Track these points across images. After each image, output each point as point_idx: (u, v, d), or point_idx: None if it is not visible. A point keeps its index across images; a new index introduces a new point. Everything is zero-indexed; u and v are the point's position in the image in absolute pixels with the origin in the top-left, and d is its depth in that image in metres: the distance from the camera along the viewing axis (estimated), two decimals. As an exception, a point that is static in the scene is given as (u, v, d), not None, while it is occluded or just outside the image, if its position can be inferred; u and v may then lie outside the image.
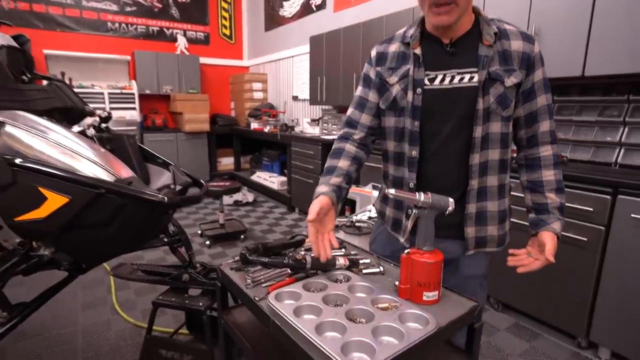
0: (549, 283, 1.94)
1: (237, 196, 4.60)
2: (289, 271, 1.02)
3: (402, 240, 1.11)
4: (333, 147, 1.11)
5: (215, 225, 3.49)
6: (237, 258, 1.05)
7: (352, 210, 3.42)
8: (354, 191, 3.26)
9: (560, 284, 1.90)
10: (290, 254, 0.97)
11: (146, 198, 1.03)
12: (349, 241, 1.27)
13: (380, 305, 0.83)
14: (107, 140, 1.27)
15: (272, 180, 4.76)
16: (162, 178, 1.29)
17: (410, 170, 1.04)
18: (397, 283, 0.92)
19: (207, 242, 3.27)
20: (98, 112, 1.31)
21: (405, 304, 0.82)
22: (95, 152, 1.08)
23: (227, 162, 6.12)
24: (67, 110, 1.28)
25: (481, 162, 0.98)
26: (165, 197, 1.05)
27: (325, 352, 0.66)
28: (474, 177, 0.99)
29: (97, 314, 2.19)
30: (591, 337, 1.84)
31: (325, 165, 1.08)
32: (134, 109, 4.97)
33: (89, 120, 1.34)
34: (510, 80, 0.95)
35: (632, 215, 1.61)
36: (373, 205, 1.34)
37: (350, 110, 1.13)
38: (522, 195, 1.07)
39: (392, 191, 0.84)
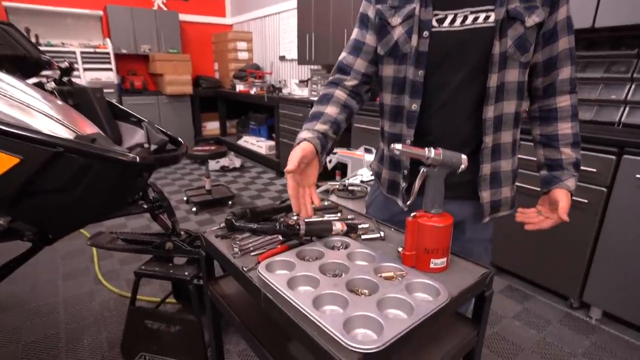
0: (544, 245, 1.91)
1: (224, 161, 4.45)
2: (281, 238, 0.92)
3: (400, 203, 1.02)
4: (321, 93, 0.98)
5: (202, 191, 3.37)
6: (222, 225, 0.94)
7: (343, 175, 3.32)
8: (345, 154, 3.14)
9: (557, 246, 1.87)
10: (282, 220, 0.86)
11: (114, 157, 0.90)
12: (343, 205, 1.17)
13: (384, 275, 0.74)
14: (69, 93, 1.10)
15: (259, 144, 4.60)
16: (135, 137, 1.15)
17: (409, 126, 0.92)
18: (400, 249, 0.83)
19: (194, 209, 3.16)
20: (57, 63, 1.14)
21: (412, 273, 0.74)
22: (53, 106, 0.93)
23: (212, 127, 5.89)
24: (19, 60, 1.10)
25: (495, 116, 0.87)
26: (137, 157, 0.92)
27: (326, 329, 0.57)
28: (487, 134, 0.88)
29: (78, 284, 2.10)
30: (584, 298, 1.83)
31: (311, 111, 0.95)
32: (110, 69, 4.66)
33: (47, 72, 1.16)
34: (532, 20, 0.82)
35: (637, 175, 1.55)
36: (370, 166, 1.23)
37: (342, 55, 1.00)
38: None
39: (398, 146, 0.73)
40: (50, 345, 1.64)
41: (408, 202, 0.78)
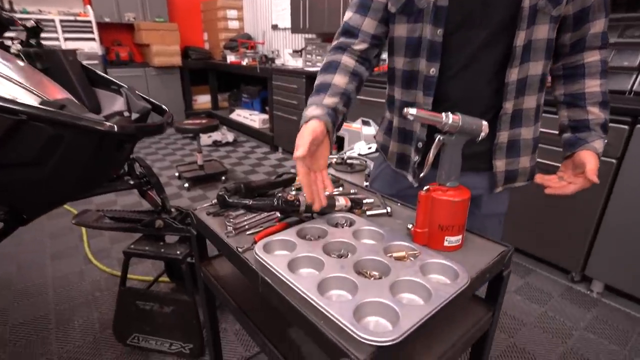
0: (547, 219, 1.86)
1: (216, 136, 4.32)
2: (279, 215, 0.84)
3: (410, 179, 0.94)
4: (325, 60, 0.87)
5: (194, 166, 3.26)
6: (214, 201, 0.86)
7: (340, 149, 3.23)
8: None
9: (560, 219, 1.82)
10: (280, 195, 0.78)
11: (87, 126, 0.79)
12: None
13: (395, 255, 0.67)
14: (37, 56, 0.98)
15: (252, 118, 4.46)
16: (115, 105, 1.04)
17: (426, 94, 0.83)
18: (410, 226, 0.76)
19: (186, 185, 3.07)
20: (21, 21, 1.01)
21: (426, 252, 0.66)
22: (14, 68, 0.82)
23: (203, 101, 5.70)
24: (-24, 18, 0.97)
25: (519, 79, 0.78)
26: (115, 126, 0.82)
27: (333, 317, 0.50)
28: (508, 99, 0.79)
29: (68, 264, 2.03)
30: (586, 272, 1.81)
31: (316, 82, 0.85)
32: (92, 39, 4.42)
33: (12, 34, 1.04)
34: None
35: (650, 145, 1.48)
36: (374, 137, 1.14)
37: (348, 15, 0.88)
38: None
39: (413, 111, 0.64)
40: (39, 326, 1.58)
41: (421, 175, 0.70)
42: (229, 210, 0.87)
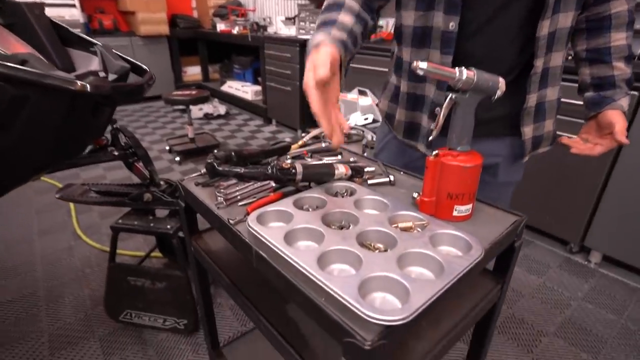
0: (547, 190, 1.82)
1: (207, 108, 4.19)
2: (273, 185, 0.78)
3: (423, 149, 0.87)
4: (326, 2, 0.78)
5: (185, 140, 3.17)
6: (203, 171, 0.79)
7: (335, 121, 3.14)
8: (337, 98, 2.94)
9: (561, 190, 1.78)
10: (274, 163, 0.72)
11: (55, 85, 0.70)
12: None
13: (401, 225, 0.61)
14: (-2, 10, 0.87)
15: (244, 89, 4.32)
16: (91, 65, 0.94)
17: (445, 52, 0.74)
18: (415, 195, 0.70)
19: (177, 159, 2.98)
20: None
21: (434, 222, 0.61)
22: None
23: (193, 72, 5.50)
24: None
25: (550, 33, 0.71)
26: (88, 85, 0.73)
27: (336, 294, 0.45)
28: (539, 56, 0.72)
29: (56, 240, 1.97)
30: (585, 242, 1.79)
31: (319, 20, 0.75)
32: (73, 6, 4.18)
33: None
34: None
35: (660, 112, 1.43)
36: (376, 105, 1.07)
37: None
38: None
39: (423, 64, 0.56)
40: (28, 304, 1.54)
41: (430, 138, 0.63)
42: (220, 181, 0.80)
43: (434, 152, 0.64)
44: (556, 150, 0.90)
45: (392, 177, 0.81)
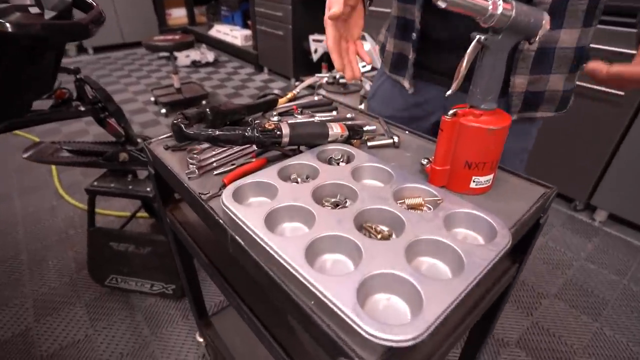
0: (555, 145, 1.71)
1: (195, 55, 3.91)
2: (255, 149, 0.66)
3: (407, 84, 0.77)
4: None
5: (171, 90, 2.96)
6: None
7: (331, 68, 2.92)
8: (333, 44, 2.70)
9: (572, 145, 1.67)
10: (256, 122, 0.59)
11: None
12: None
13: (408, 202, 0.50)
14: None
15: (234, 34, 4.01)
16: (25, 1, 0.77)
17: None
18: (425, 162, 0.59)
19: (163, 111, 2.80)
20: None
21: (449, 198, 0.50)
22: None
23: (178, 15, 5.09)
24: None
25: None
26: (9, 24, 0.58)
27: (328, 300, 0.35)
28: None
29: (37, 200, 1.87)
30: (592, 201, 1.71)
31: None
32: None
33: None
34: None
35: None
36: (380, 48, 0.92)
37: None
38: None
39: (445, -7, 0.42)
40: (11, 268, 1.47)
41: (451, 90, 0.50)
42: (193, 144, 0.68)
43: (452, 111, 0.51)
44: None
45: (396, 138, 0.68)
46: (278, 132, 0.59)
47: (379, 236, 0.46)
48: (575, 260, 1.53)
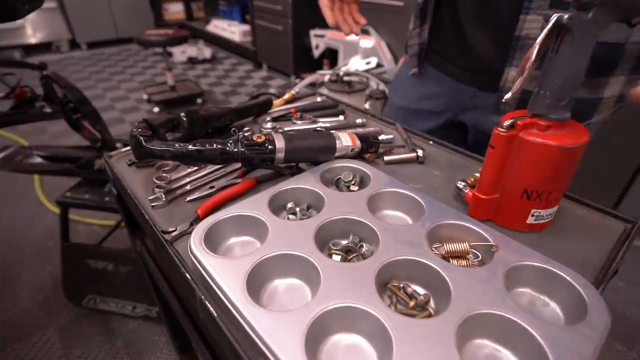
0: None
1: (191, 51, 3.76)
2: (242, 167, 0.52)
3: (412, 66, 0.68)
4: None
5: (164, 87, 2.82)
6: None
7: (333, 65, 2.78)
8: (335, 38, 2.56)
9: (598, 153, 1.52)
10: (240, 133, 0.45)
11: None
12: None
13: (448, 248, 0.36)
14: None
15: (232, 30, 3.85)
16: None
17: None
18: (461, 185, 0.45)
19: (156, 109, 2.66)
20: None
21: (505, 243, 0.36)
22: None
23: (175, 10, 4.92)
24: None
25: None
26: None
27: None
28: None
29: (16, 207, 1.72)
30: (617, 211, 1.57)
31: None
32: None
33: None
34: None
35: None
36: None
37: None
38: None
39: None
40: (-20, 284, 1.33)
41: (508, 96, 0.36)
42: (160, 160, 0.54)
43: (508, 121, 0.37)
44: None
45: (420, 152, 0.54)
46: (270, 147, 0.44)
47: (412, 303, 0.32)
48: (602, 277, 1.39)
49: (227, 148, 0.43)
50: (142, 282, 1.11)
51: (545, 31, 0.32)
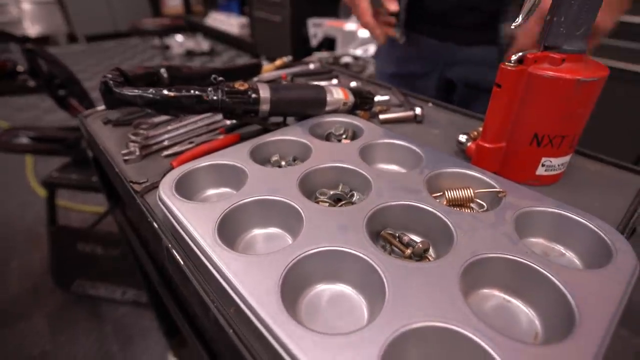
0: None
1: (189, 44, 3.71)
2: (227, 123, 0.48)
3: (397, 34, 0.65)
4: None
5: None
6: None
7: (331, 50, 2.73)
8: (333, 26, 2.51)
9: (611, 130, 1.48)
10: (222, 80, 0.41)
11: None
12: (344, 70, 0.71)
13: (450, 195, 0.32)
14: None
15: (230, 22, 3.81)
16: None
17: None
18: (463, 139, 0.41)
19: (152, 100, 2.62)
20: None
21: (514, 189, 0.32)
22: None
23: (173, 4, 4.87)
24: None
25: None
26: None
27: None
28: None
29: (7, 192, 1.69)
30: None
31: None
32: None
33: None
34: None
35: None
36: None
37: None
38: None
39: None
40: (-34, 271, 1.29)
41: (516, 23, 0.32)
42: (143, 117, 0.50)
43: (516, 55, 0.33)
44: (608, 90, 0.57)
45: (418, 110, 0.50)
46: (254, 96, 0.40)
47: (408, 251, 0.27)
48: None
49: (207, 95, 0.39)
50: (132, 266, 1.07)
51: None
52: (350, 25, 2.37)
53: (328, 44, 2.71)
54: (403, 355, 0.20)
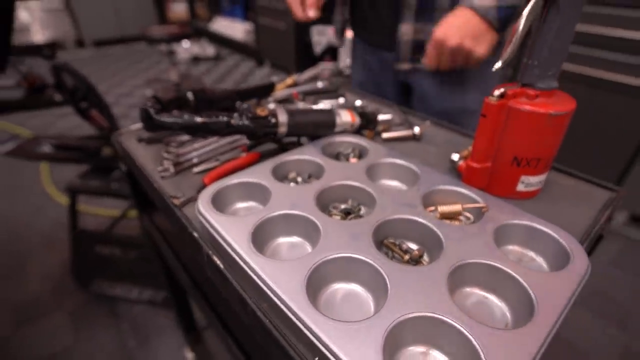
0: (576, 141, 1.57)
1: (195, 49, 3.79)
2: (247, 142, 0.54)
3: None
4: None
5: (169, 84, 2.85)
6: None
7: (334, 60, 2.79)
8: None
9: (594, 141, 1.53)
10: (244, 107, 0.47)
11: None
12: (350, 88, 0.77)
13: (442, 209, 0.38)
14: None
15: (235, 27, 3.88)
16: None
17: None
18: (456, 158, 0.47)
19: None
20: None
21: (496, 204, 0.38)
22: None
23: (178, 9, 4.96)
24: None
25: None
26: None
27: (340, 361, 0.24)
28: None
29: (23, 198, 1.75)
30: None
31: None
32: None
33: None
34: None
35: None
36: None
37: None
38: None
39: None
40: (-10, 272, 1.36)
41: (497, 66, 0.38)
42: (171, 136, 0.56)
43: (498, 91, 0.39)
44: (594, 95, 0.64)
45: (417, 129, 0.56)
46: (273, 120, 0.47)
47: (406, 257, 0.34)
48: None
49: (233, 121, 0.46)
50: (149, 268, 1.14)
51: (532, 2, 0.34)
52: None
53: (332, 51, 2.78)
54: (401, 338, 0.26)
